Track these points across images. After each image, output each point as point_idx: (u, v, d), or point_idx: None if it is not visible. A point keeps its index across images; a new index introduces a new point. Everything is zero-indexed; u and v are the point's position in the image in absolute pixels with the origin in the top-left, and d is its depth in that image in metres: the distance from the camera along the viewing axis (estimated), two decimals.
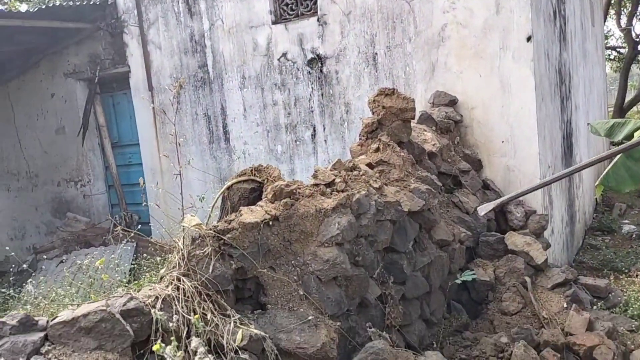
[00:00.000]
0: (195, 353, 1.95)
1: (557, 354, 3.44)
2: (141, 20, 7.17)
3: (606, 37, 16.19)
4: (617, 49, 17.65)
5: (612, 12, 15.96)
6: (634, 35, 14.57)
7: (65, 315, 2.08)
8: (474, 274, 3.92)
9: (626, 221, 7.70)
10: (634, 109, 15.54)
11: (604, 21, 14.03)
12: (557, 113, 5.57)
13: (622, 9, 16.22)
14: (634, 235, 6.96)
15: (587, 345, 3.50)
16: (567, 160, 5.98)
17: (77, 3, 6.98)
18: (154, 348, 1.85)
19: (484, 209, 2.84)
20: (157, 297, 2.30)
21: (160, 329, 2.15)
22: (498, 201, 2.84)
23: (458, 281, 3.86)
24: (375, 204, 3.35)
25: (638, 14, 16.48)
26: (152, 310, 2.02)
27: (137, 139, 7.50)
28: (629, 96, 15.01)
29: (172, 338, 1.96)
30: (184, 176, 6.73)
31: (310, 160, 6.26)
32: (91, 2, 7.09)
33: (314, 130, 6.20)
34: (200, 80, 6.79)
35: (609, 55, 17.39)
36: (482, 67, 4.96)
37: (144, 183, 3.57)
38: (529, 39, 4.67)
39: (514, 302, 3.89)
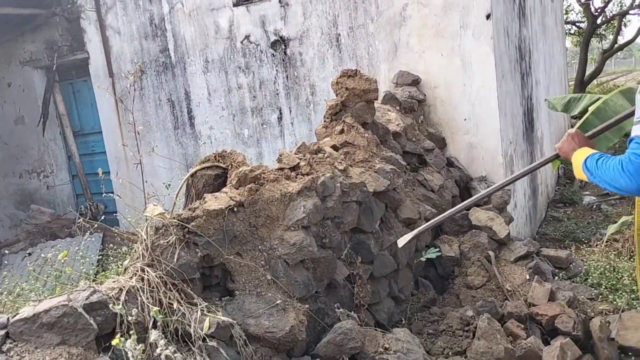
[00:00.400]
0: (156, 346, 1.95)
1: (521, 325, 3.55)
2: (98, 4, 6.96)
3: (566, 12, 16.45)
4: (577, 24, 17.97)
5: None
6: (592, 9, 14.83)
7: (26, 311, 2.06)
8: (438, 251, 4.00)
9: (587, 192, 7.95)
10: (594, 82, 15.91)
11: None
12: (517, 89, 5.67)
13: None
14: (594, 206, 7.19)
15: (549, 314, 3.62)
16: (528, 135, 6.11)
17: None
18: (113, 342, 1.85)
19: (402, 241, 2.90)
20: (120, 289, 2.29)
21: (125, 321, 2.14)
22: (416, 231, 2.92)
23: (422, 259, 3.93)
24: (341, 186, 3.38)
25: None
26: (110, 305, 2.01)
27: (99, 127, 7.34)
28: (589, 70, 15.34)
29: (131, 332, 1.95)
30: (149, 163, 6.65)
31: (277, 143, 6.24)
32: None
33: (280, 113, 6.17)
34: (162, 65, 6.66)
35: (569, 30, 17.70)
36: (443, 46, 4.99)
37: (103, 173, 3.51)
38: (488, 16, 4.72)
39: (478, 276, 3.99)
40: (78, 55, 7.28)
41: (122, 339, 1.87)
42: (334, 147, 3.90)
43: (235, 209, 2.79)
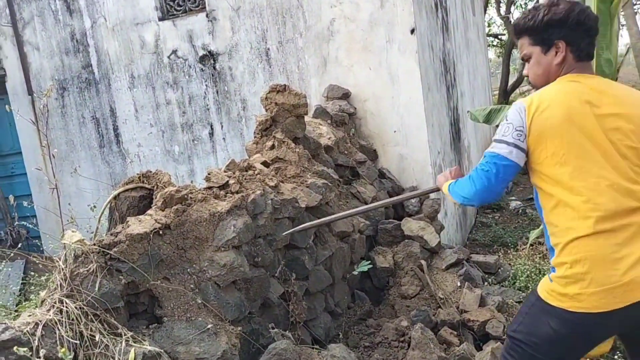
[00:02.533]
0: None
1: (454, 332, 3.63)
2: (14, 19, 6.61)
3: (488, 25, 17.29)
4: (499, 36, 18.91)
5: (492, 0, 17.04)
6: (512, 22, 15.64)
7: None
8: (369, 263, 4.03)
9: (513, 197, 8.30)
10: (517, 91, 16.74)
11: (485, 10, 14.93)
12: (443, 101, 5.86)
13: None
14: (519, 211, 7.53)
15: (479, 320, 3.72)
16: (455, 145, 6.32)
17: None
18: None
19: (286, 234, 3.23)
20: (37, 324, 2.14)
21: (42, 358, 2.00)
22: (299, 227, 3.20)
23: (356, 272, 3.95)
24: (272, 203, 3.34)
25: (516, 2, 17.76)
26: (14, 347, 1.87)
27: (19, 148, 6.94)
28: (512, 79, 16.15)
29: None
30: (73, 184, 6.35)
31: (209, 159, 6.13)
32: None
33: (212, 129, 6.06)
34: (85, 82, 6.40)
35: (492, 42, 18.59)
36: (371, 60, 5.09)
37: (15, 199, 3.31)
38: (412, 31, 4.85)
39: (412, 286, 4.05)
40: None
41: None
42: (265, 163, 3.86)
43: (161, 232, 2.69)
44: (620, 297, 1.82)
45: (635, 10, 16.97)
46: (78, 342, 2.18)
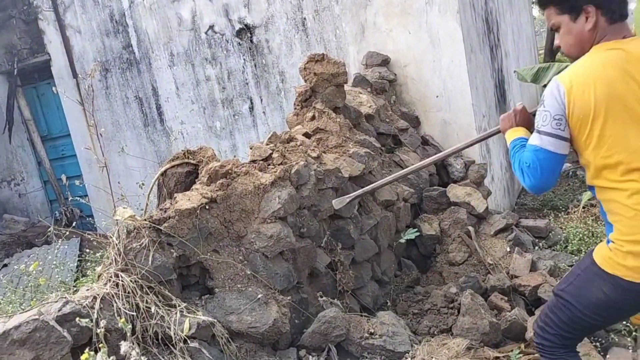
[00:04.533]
0: (129, 357, 1.90)
1: (504, 297, 3.57)
2: (55, 4, 6.75)
3: None
4: None
5: None
6: None
7: None
8: (416, 231, 3.99)
9: None
10: None
11: None
12: (487, 62, 5.66)
13: None
14: (569, 173, 7.27)
15: (531, 285, 3.64)
16: (501, 107, 6.12)
17: None
18: (82, 358, 1.79)
19: (339, 203, 3.02)
20: (95, 297, 2.22)
21: (102, 330, 2.08)
22: (354, 194, 3.04)
23: (402, 240, 3.92)
24: (315, 174, 3.33)
25: None
26: (77, 319, 1.94)
27: (67, 130, 7.16)
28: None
29: (100, 345, 1.90)
30: (121, 163, 6.52)
31: (250, 133, 6.16)
32: None
33: (252, 103, 6.08)
34: (126, 62, 6.50)
35: None
36: (410, 24, 4.94)
37: (67, 179, 3.41)
38: None
39: (460, 252, 4.00)
40: (39, 58, 7.07)
41: (92, 352, 1.81)
42: (306, 135, 3.84)
43: (207, 206, 2.73)
44: None
45: None
46: (135, 313, 2.25)
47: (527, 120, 2.22)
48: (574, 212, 5.32)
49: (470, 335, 3.12)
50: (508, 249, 4.00)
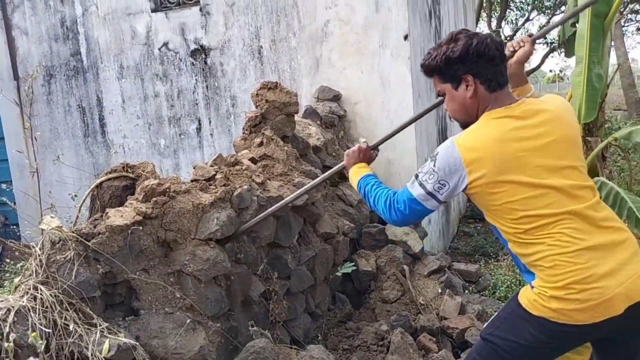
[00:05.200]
0: None
1: (433, 338, 3.62)
2: (3, 2, 6.48)
3: None
4: None
5: (484, 14, 17.21)
6: (502, 36, 15.82)
7: None
8: (353, 265, 4.01)
9: None
10: None
11: (477, 23, 15.06)
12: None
13: (492, 12, 17.58)
14: None
15: (459, 327, 3.72)
16: None
17: None
18: None
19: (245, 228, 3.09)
20: (9, 310, 2.08)
21: (10, 344, 1.94)
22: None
23: (339, 274, 3.93)
24: (258, 199, 3.30)
25: (507, 17, 17.98)
26: None
27: (1, 133, 6.80)
28: None
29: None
30: (55, 172, 6.24)
31: (196, 154, 6.06)
32: None
33: (200, 124, 6.00)
34: (73, 69, 6.30)
35: None
36: (363, 64, 5.08)
37: None
38: (406, 37, 4.85)
39: (393, 290, 4.04)
40: None
41: None
42: (253, 160, 3.82)
43: (141, 223, 2.64)
44: (603, 311, 1.84)
45: (624, 32, 17.26)
46: (51, 330, 2.12)
47: (369, 157, 2.57)
48: (504, 260, 5.51)
49: None
50: (440, 291, 4.08)
